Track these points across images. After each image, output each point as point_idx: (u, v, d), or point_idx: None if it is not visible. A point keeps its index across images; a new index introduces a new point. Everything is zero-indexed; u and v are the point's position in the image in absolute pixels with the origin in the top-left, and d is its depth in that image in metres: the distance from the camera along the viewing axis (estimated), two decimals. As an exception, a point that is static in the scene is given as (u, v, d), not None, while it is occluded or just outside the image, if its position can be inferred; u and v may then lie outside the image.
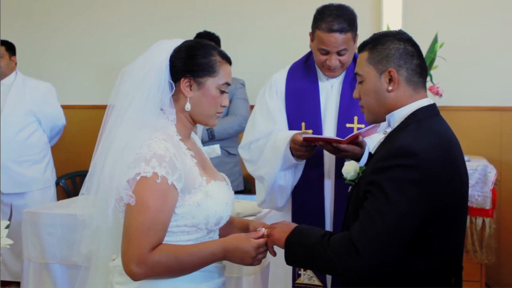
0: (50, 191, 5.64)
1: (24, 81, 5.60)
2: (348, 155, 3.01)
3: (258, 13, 6.19)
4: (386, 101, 2.34)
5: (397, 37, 2.36)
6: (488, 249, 5.08)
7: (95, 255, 2.45)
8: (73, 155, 6.17)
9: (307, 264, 2.41)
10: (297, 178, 3.28)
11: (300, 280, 3.28)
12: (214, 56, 2.38)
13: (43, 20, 6.76)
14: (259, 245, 2.33)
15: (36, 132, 5.57)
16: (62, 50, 6.71)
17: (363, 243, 2.13)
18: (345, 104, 3.28)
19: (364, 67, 2.38)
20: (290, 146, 3.12)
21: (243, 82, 5.46)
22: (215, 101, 2.38)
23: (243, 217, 3.85)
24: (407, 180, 2.13)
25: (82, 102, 6.21)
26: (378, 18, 5.73)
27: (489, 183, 5.04)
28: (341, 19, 3.11)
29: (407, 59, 2.32)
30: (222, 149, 5.01)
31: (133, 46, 6.05)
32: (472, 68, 5.57)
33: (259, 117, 3.40)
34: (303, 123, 3.30)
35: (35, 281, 4.29)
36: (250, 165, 3.41)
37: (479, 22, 5.67)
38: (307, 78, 3.36)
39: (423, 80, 2.37)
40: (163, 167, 2.20)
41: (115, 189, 2.23)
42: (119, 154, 2.26)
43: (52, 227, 4.23)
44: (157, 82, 2.33)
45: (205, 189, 2.33)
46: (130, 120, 2.30)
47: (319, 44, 3.17)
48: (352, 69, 3.29)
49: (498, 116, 5.62)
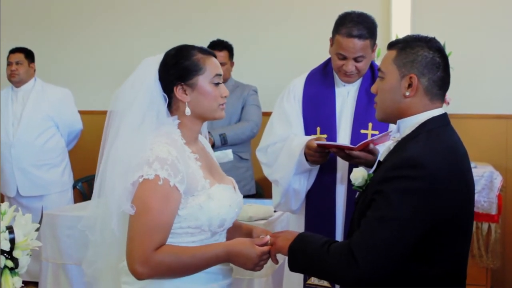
0: (67, 194, 5.72)
1: (43, 87, 5.69)
2: (361, 162, 3.03)
3: (271, 20, 6.22)
4: (400, 105, 2.31)
5: (429, 44, 2.31)
6: (493, 254, 5.12)
7: (104, 257, 2.49)
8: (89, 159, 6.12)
9: (309, 271, 2.44)
10: (311, 183, 3.31)
11: (311, 281, 3.28)
12: (195, 55, 2.40)
13: (60, 28, 6.84)
14: (263, 252, 2.36)
15: (54, 137, 5.66)
16: (79, 56, 6.79)
17: (361, 251, 2.13)
18: (360, 110, 3.29)
19: (388, 66, 2.34)
20: (304, 152, 3.16)
21: (255, 89, 5.50)
22: (213, 95, 2.41)
23: (255, 221, 3.89)
24: (412, 190, 2.12)
25: (99, 107, 6.20)
26: (387, 27, 5.79)
27: (495, 189, 5.07)
28: (361, 26, 3.13)
29: (432, 69, 2.28)
30: (234, 154, 4.99)
31: (148, 51, 6.04)
32: (479, 77, 5.59)
33: (277, 121, 3.44)
34: (318, 128, 3.32)
35: (52, 281, 4.35)
36: (266, 168, 3.44)
37: (486, 32, 5.71)
38: (324, 84, 3.38)
39: (442, 93, 2.33)
40: (165, 170, 2.24)
41: (117, 202, 2.28)
42: (119, 167, 2.31)
43: (70, 229, 4.27)
44: (149, 98, 2.38)
45: (208, 192, 2.36)
46: (128, 136, 2.34)
47: (337, 49, 3.19)
48: (369, 77, 3.34)
49: (504, 124, 5.67)
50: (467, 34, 5.64)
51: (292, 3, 6.18)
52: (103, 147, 2.45)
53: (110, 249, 2.46)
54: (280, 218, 4.18)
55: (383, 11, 5.88)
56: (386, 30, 5.80)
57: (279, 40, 6.20)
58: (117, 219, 2.32)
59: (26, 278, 5.13)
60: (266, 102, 5.38)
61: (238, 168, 5.24)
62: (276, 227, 4.02)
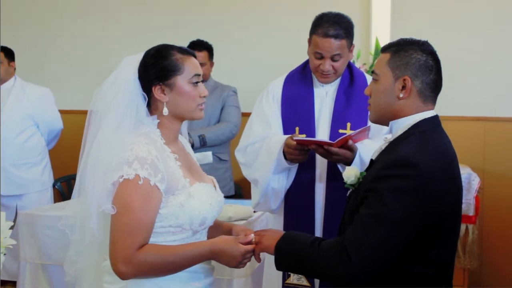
0: (47, 194, 5.68)
1: (23, 86, 5.64)
2: (340, 159, 3.08)
3: (252, 21, 6.24)
4: (393, 106, 2.35)
5: (422, 48, 2.35)
6: (471, 255, 5.17)
7: (85, 257, 2.48)
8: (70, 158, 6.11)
9: (297, 269, 2.43)
10: (290, 182, 3.33)
11: (290, 280, 3.30)
12: (174, 55, 2.39)
13: (42, 27, 6.82)
14: (246, 251, 2.37)
15: (34, 136, 5.62)
16: (60, 56, 6.77)
17: (355, 248, 2.15)
18: (338, 111, 3.33)
19: (382, 68, 2.37)
20: (283, 150, 3.18)
21: (235, 90, 5.50)
22: (191, 95, 2.40)
23: (234, 221, 3.89)
24: (405, 189, 2.15)
25: (79, 107, 6.20)
26: (367, 29, 5.84)
27: (473, 191, 5.12)
28: (338, 26, 3.18)
29: (425, 72, 2.31)
30: (213, 155, 5.04)
31: (128, 52, 5.99)
32: (457, 79, 5.63)
33: (256, 121, 3.46)
34: (297, 128, 3.34)
35: (31, 281, 4.32)
36: (245, 168, 3.46)
37: (464, 34, 5.77)
38: (303, 85, 3.41)
39: (434, 95, 2.37)
40: (145, 169, 2.24)
41: (97, 202, 2.28)
42: (99, 166, 2.31)
43: (49, 228, 4.25)
44: (129, 97, 2.37)
45: (188, 190, 2.35)
46: (107, 137, 2.33)
47: (315, 48, 3.23)
48: (347, 77, 3.37)
49: (481, 126, 5.73)
50: (445, 36, 5.67)
51: (272, 4, 6.21)
52: (84, 146, 2.44)
53: (91, 249, 2.45)
54: (260, 219, 4.20)
55: (362, 13, 5.91)
56: (366, 32, 5.85)
57: (259, 41, 6.22)
58: (96, 218, 2.32)
59: (5, 277, 5.12)
60: (246, 103, 5.39)
61: (217, 169, 5.22)
62: (255, 227, 4.03)
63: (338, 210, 3.08)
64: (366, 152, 3.05)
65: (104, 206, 2.26)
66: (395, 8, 5.85)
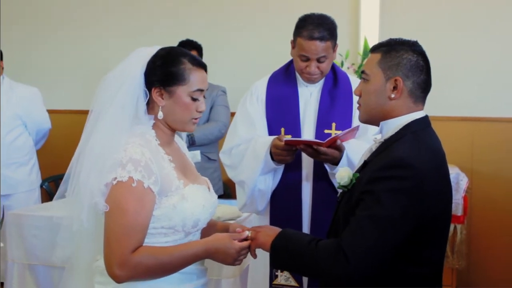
0: (34, 194, 5.64)
1: (11, 86, 5.57)
2: (328, 159, 3.09)
3: (240, 21, 6.24)
4: (384, 107, 2.35)
5: (413, 48, 2.35)
6: (459, 254, 5.19)
7: (75, 257, 2.48)
8: (58, 158, 6.09)
9: (293, 268, 2.45)
10: (276, 182, 3.32)
11: (277, 281, 3.30)
12: (184, 64, 2.35)
13: (31, 26, 6.80)
14: (242, 248, 2.37)
15: (22, 135, 5.57)
16: (49, 56, 6.74)
17: (352, 249, 2.15)
18: (323, 111, 3.33)
19: (373, 69, 2.36)
20: (271, 151, 3.18)
21: (224, 89, 5.52)
22: (188, 108, 2.37)
23: (223, 221, 3.87)
24: (402, 190, 2.15)
25: (68, 107, 6.22)
26: (355, 29, 5.83)
27: (461, 191, 5.14)
28: (322, 28, 3.18)
29: (416, 72, 2.32)
30: (202, 155, 5.03)
31: (117, 53, 6.05)
32: (446, 79, 5.64)
33: (240, 123, 3.44)
34: (283, 129, 3.33)
35: (18, 281, 4.30)
36: (231, 170, 3.45)
37: (453, 34, 5.79)
38: (287, 85, 3.41)
39: (424, 95, 2.37)
40: (138, 172, 2.23)
41: (89, 193, 2.27)
42: (94, 160, 2.29)
43: (36, 229, 4.23)
44: (132, 90, 2.34)
45: (181, 192, 2.34)
46: (106, 127, 2.32)
47: (300, 51, 3.23)
48: (330, 78, 3.38)
49: (470, 126, 5.75)
50: (434, 37, 5.68)
51: (261, 5, 6.21)
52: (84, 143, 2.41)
53: (83, 247, 2.44)
54: (249, 218, 4.18)
55: (351, 13, 5.91)
56: (355, 32, 5.85)
57: (248, 41, 6.23)
58: (87, 210, 2.30)
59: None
60: (235, 103, 5.34)
61: (206, 168, 5.22)
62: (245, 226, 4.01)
63: (325, 210, 3.10)
64: (353, 151, 3.08)
65: (96, 199, 2.24)
66: (384, 8, 5.86)
